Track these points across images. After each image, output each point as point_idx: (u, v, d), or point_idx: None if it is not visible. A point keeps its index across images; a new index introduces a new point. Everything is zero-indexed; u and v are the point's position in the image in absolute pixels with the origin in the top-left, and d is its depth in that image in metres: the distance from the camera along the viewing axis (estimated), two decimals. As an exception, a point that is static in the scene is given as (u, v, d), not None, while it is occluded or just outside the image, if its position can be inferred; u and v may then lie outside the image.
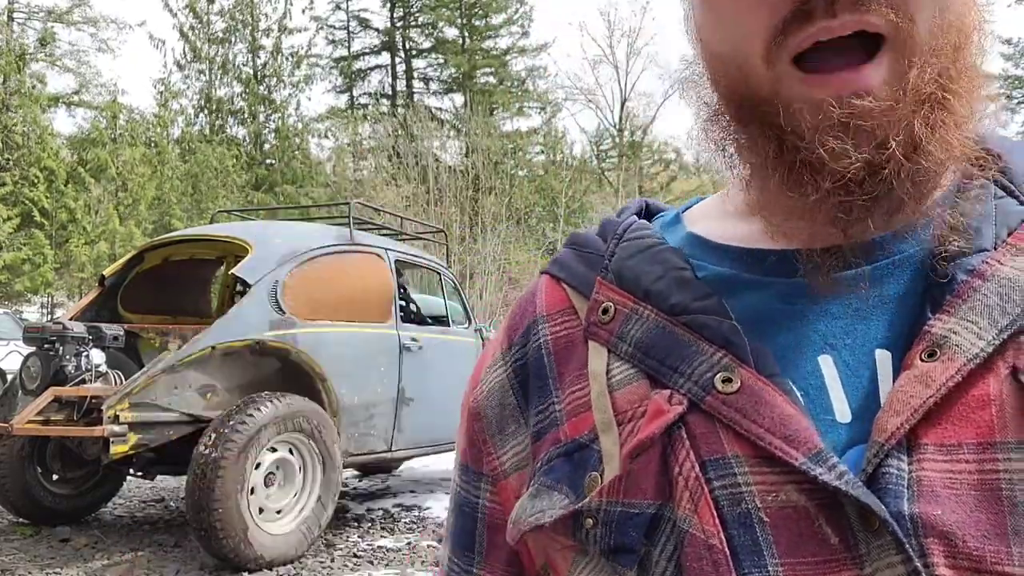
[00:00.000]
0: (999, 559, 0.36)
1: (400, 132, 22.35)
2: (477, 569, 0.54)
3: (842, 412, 0.42)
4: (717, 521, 0.40)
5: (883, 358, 0.42)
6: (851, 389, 0.42)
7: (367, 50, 32.85)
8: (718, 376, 0.43)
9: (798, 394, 0.42)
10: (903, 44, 0.40)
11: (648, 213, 0.58)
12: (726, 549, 0.40)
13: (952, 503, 0.38)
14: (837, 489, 0.38)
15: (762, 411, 0.41)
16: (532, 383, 0.51)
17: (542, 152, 31.43)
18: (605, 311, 0.49)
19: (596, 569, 0.45)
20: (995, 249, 0.43)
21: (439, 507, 5.49)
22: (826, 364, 0.43)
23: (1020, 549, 0.37)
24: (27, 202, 16.74)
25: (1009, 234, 0.43)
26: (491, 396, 0.54)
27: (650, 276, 0.48)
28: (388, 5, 32.25)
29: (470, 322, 6.11)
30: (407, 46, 32.85)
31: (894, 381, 0.41)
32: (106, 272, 5.31)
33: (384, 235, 6.21)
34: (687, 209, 0.56)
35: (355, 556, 4.22)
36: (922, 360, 0.40)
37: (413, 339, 5.18)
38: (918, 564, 0.36)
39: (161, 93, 21.20)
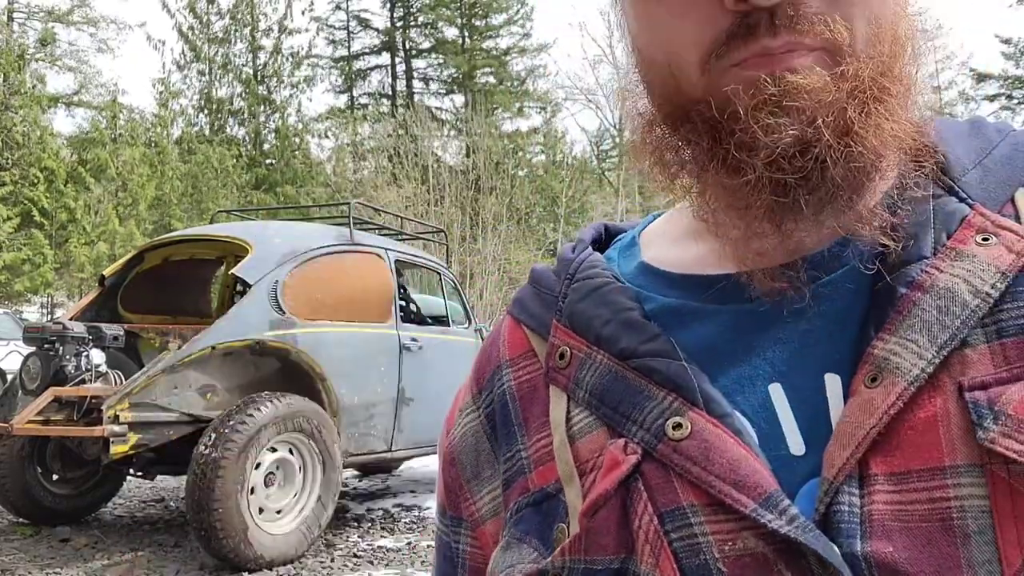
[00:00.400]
0: None
1: (400, 132, 22.36)
2: None
3: (796, 444, 0.41)
4: (678, 574, 0.40)
5: (832, 383, 0.41)
6: (803, 418, 0.41)
7: (367, 50, 32.88)
8: (669, 422, 0.42)
9: (751, 431, 0.41)
10: (840, 51, 0.40)
11: (609, 235, 0.58)
12: None
13: (903, 538, 0.36)
14: (786, 536, 0.37)
15: (712, 456, 0.40)
16: (500, 430, 0.51)
17: (542, 152, 31.45)
18: (562, 356, 0.48)
19: None
20: (934, 255, 0.41)
21: (439, 507, 5.50)
22: (776, 393, 0.42)
23: None
24: (27, 202, 16.75)
25: (948, 237, 0.42)
26: (464, 441, 0.54)
27: (600, 319, 0.47)
28: (388, 5, 32.27)
29: (470, 322, 6.11)
30: (407, 46, 32.86)
31: (844, 407, 0.40)
32: (106, 272, 5.31)
33: (384, 235, 6.22)
34: (645, 228, 0.56)
35: (355, 556, 4.22)
36: (866, 386, 0.39)
37: (413, 339, 5.18)
38: None
39: (161, 93, 21.21)
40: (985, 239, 0.41)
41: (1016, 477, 0.35)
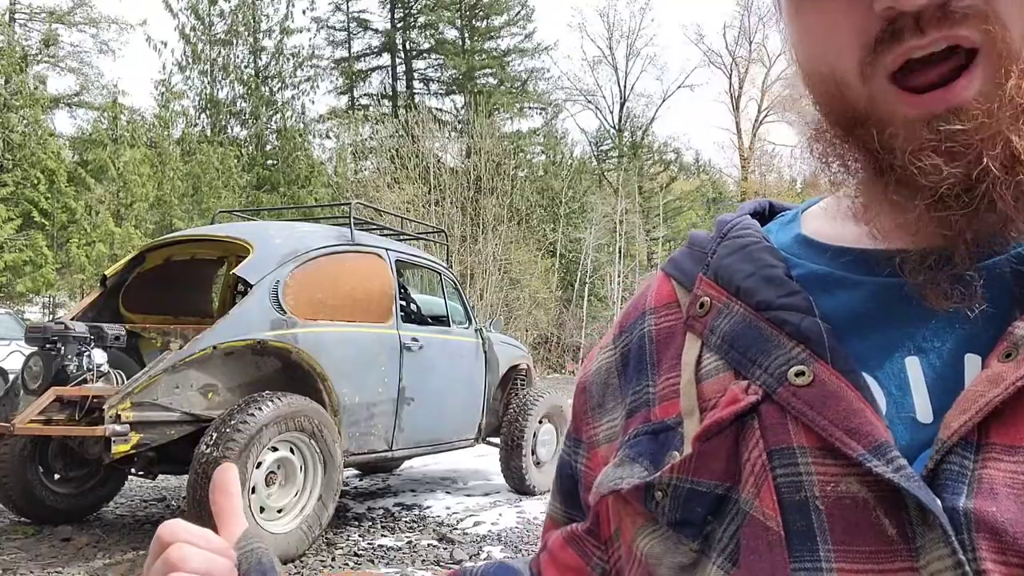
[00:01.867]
0: None
1: (402, 133, 22.37)
2: (578, 517, 0.60)
3: (924, 413, 0.42)
4: (777, 506, 0.42)
5: (972, 363, 0.43)
6: (937, 392, 0.43)
7: (367, 51, 32.90)
8: (792, 369, 0.44)
9: (879, 391, 0.44)
10: (998, 54, 0.40)
11: (773, 211, 0.61)
12: (782, 532, 0.42)
13: (1009, 502, 0.38)
14: (889, 481, 0.39)
15: (830, 404, 0.43)
16: (633, 366, 0.56)
17: (543, 153, 31.45)
18: (702, 305, 0.52)
19: (662, 538, 0.48)
20: None
21: (439, 506, 5.50)
22: (912, 367, 0.44)
23: None
24: (27, 203, 16.76)
25: None
26: (598, 374, 0.59)
27: (742, 273, 0.51)
28: (388, 6, 32.28)
29: (470, 322, 6.12)
30: (407, 47, 32.88)
31: (975, 379, 0.42)
32: (108, 272, 5.32)
33: (385, 235, 6.22)
34: (809, 207, 0.58)
35: (356, 555, 4.23)
36: (999, 361, 0.41)
37: (414, 339, 5.19)
38: (962, 558, 0.37)
39: (162, 94, 21.23)
40: None
41: None
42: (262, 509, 3.98)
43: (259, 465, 3.97)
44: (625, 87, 34.97)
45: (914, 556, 0.39)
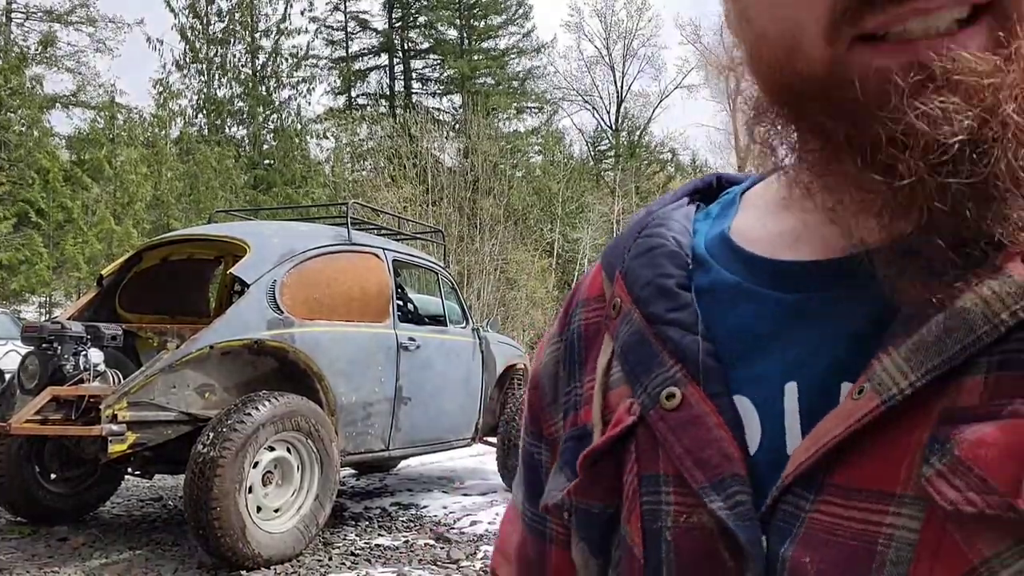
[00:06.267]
0: None
1: (399, 133, 22.36)
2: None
3: (794, 444, 0.40)
4: (640, 534, 0.43)
5: (846, 392, 0.40)
6: (807, 422, 0.40)
7: (365, 51, 32.87)
8: (665, 391, 0.43)
9: (754, 418, 0.41)
10: (1005, 10, 0.34)
11: (722, 185, 0.57)
12: (642, 560, 0.43)
13: (827, 550, 0.36)
14: (719, 519, 0.39)
15: (688, 431, 0.42)
16: (568, 363, 0.54)
17: (540, 153, 31.45)
18: (615, 306, 0.50)
19: (580, 550, 0.49)
20: (976, 269, 0.36)
21: (436, 506, 5.50)
22: (790, 392, 0.41)
23: None
24: (23, 202, 16.72)
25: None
26: (547, 368, 0.57)
27: (642, 280, 0.48)
28: (386, 6, 32.27)
29: (467, 322, 6.12)
30: (405, 47, 32.86)
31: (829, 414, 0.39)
32: (104, 272, 5.31)
33: (382, 235, 6.23)
34: (751, 186, 0.53)
35: (352, 554, 4.24)
36: (852, 398, 0.38)
37: (411, 338, 5.19)
38: None
39: (160, 93, 21.19)
40: None
41: (951, 519, 0.34)
42: (259, 509, 3.98)
43: (256, 465, 3.97)
44: (622, 87, 35.02)
45: None
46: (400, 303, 5.66)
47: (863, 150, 0.36)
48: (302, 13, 35.35)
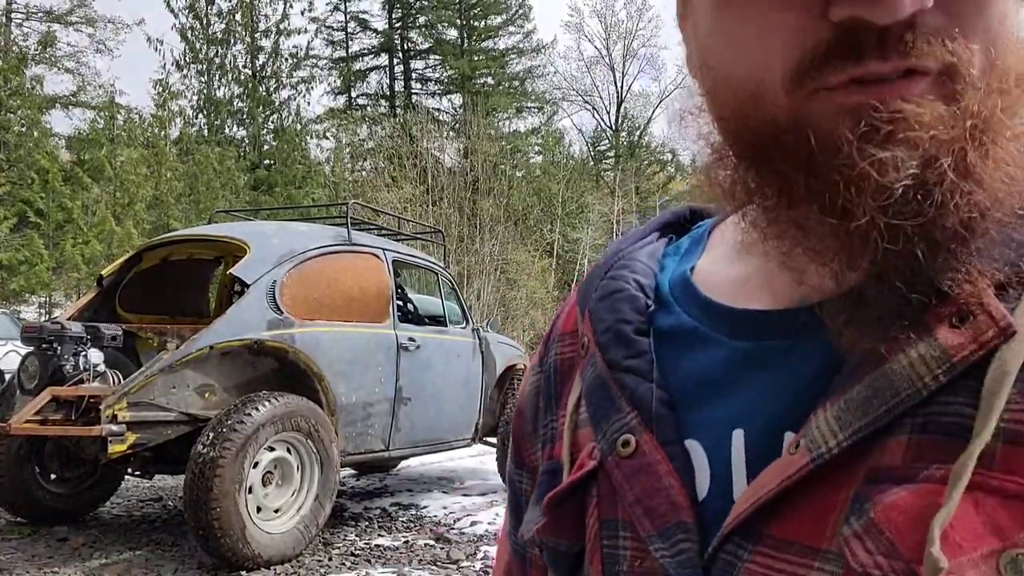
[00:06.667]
0: None
1: (400, 133, 22.36)
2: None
3: (740, 491, 0.41)
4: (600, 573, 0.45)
5: (789, 441, 0.41)
6: (753, 470, 0.41)
7: (365, 51, 32.88)
8: (621, 438, 0.45)
9: (704, 465, 0.42)
10: (958, 77, 0.35)
11: (693, 218, 0.58)
12: None
13: None
14: (662, 568, 0.41)
15: (640, 479, 0.43)
16: (545, 396, 0.56)
17: (540, 153, 31.45)
18: (583, 345, 0.51)
19: None
20: (907, 328, 0.37)
21: (436, 506, 5.50)
22: (737, 440, 0.42)
23: None
24: (23, 203, 16.72)
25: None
26: (529, 398, 0.58)
27: (603, 324, 0.49)
28: (387, 6, 32.26)
29: (467, 322, 6.12)
30: (405, 47, 32.86)
31: (769, 466, 0.40)
32: (104, 272, 5.31)
33: (382, 235, 6.23)
34: (722, 221, 0.53)
35: (352, 555, 4.23)
36: (790, 452, 0.39)
37: (411, 339, 5.19)
38: None
39: (160, 94, 21.19)
40: (961, 319, 0.36)
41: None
42: (259, 509, 3.98)
43: (256, 465, 3.97)
44: (622, 87, 35.02)
45: None
46: (400, 303, 5.65)
47: (820, 197, 0.36)
48: (302, 13, 35.30)
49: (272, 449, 4.07)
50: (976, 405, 0.35)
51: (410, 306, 6.09)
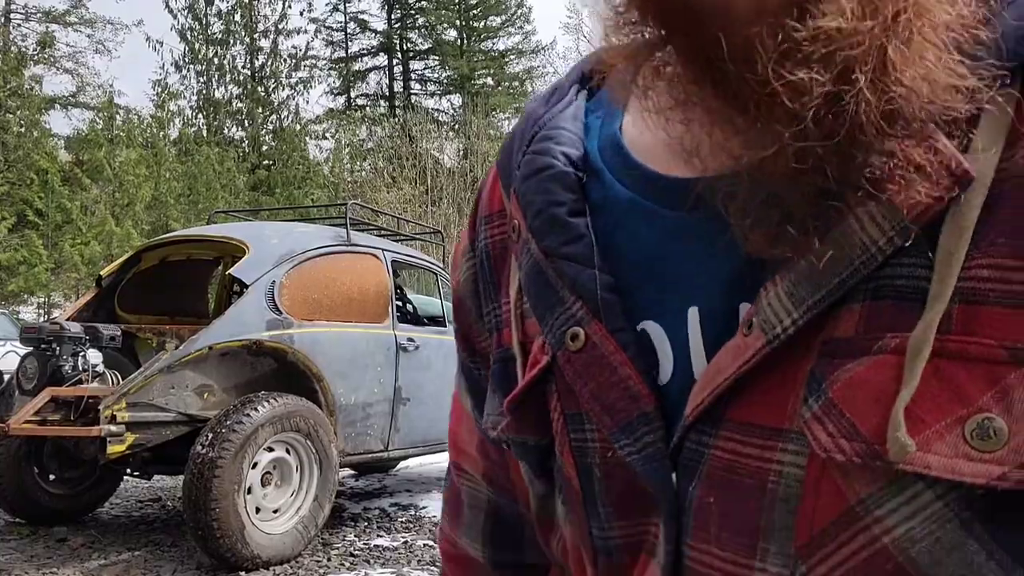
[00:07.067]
0: (741, 554, 0.37)
1: (399, 133, 22.37)
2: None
3: (700, 370, 0.40)
4: (574, 468, 0.44)
5: (744, 312, 0.39)
6: (711, 349, 0.39)
7: (364, 51, 32.88)
8: (569, 331, 0.42)
9: (665, 346, 0.41)
10: None
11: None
12: (580, 492, 0.44)
13: (728, 489, 0.37)
14: (628, 462, 0.40)
15: (594, 374, 0.41)
16: (483, 282, 0.53)
17: (539, 153, 31.42)
18: (515, 229, 0.47)
19: (525, 470, 0.50)
20: (852, 192, 0.34)
21: (436, 506, 5.50)
22: (693, 317, 0.40)
23: (765, 545, 0.36)
24: (22, 203, 16.72)
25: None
26: (467, 286, 0.55)
27: (534, 208, 0.45)
28: (386, 7, 32.27)
29: (467, 322, 6.11)
30: (405, 47, 32.86)
31: (722, 348, 0.38)
32: (103, 272, 5.31)
33: (381, 236, 6.23)
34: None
35: (351, 555, 4.23)
36: (743, 333, 0.37)
37: (410, 339, 5.19)
38: (663, 546, 0.39)
39: (159, 94, 21.18)
40: (917, 169, 0.33)
41: (828, 460, 0.34)
42: (258, 510, 3.98)
43: (255, 466, 3.96)
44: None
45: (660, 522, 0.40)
46: (399, 304, 5.65)
47: (726, 95, 0.35)
48: (301, 14, 35.42)
49: (271, 450, 4.07)
50: (931, 265, 0.33)
51: (409, 306, 6.08)
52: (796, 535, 0.35)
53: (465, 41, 32.37)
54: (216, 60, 23.67)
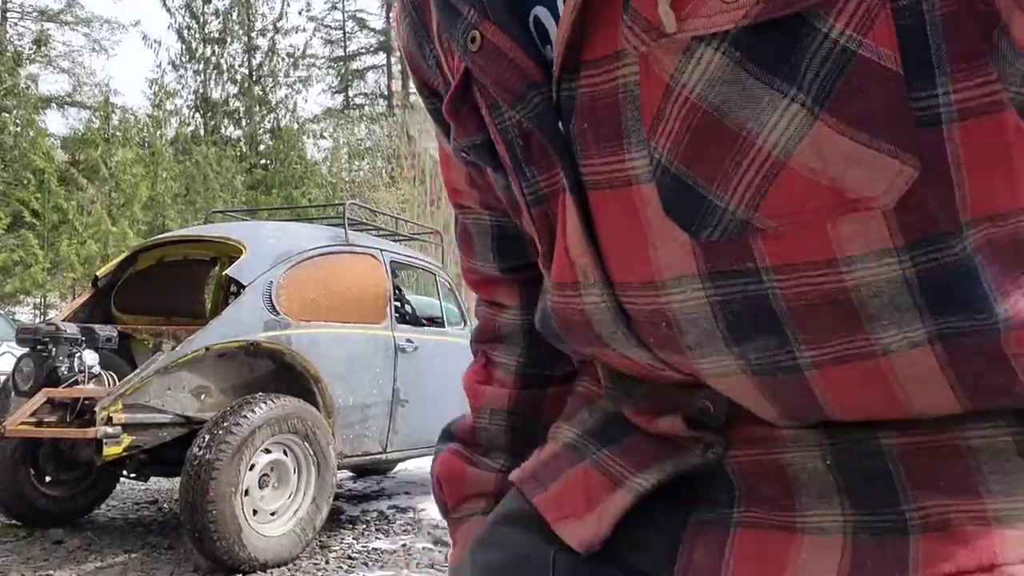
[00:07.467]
0: (616, 153, 0.43)
1: (398, 132, 22.34)
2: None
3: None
4: (503, 145, 0.51)
5: None
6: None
7: (363, 50, 32.85)
8: (468, 36, 0.48)
9: (551, 23, 0.46)
10: None
11: None
12: (511, 163, 0.51)
13: (593, 114, 0.43)
14: (521, 123, 0.48)
15: (493, 66, 0.47)
16: (418, 30, 0.59)
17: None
18: None
19: (491, 174, 0.58)
20: None
21: (434, 509, 5.47)
22: None
23: (628, 140, 0.42)
24: (18, 203, 16.67)
25: None
26: (408, 35, 0.61)
27: None
28: (385, 6, 32.24)
29: (465, 323, 6.11)
30: (403, 47, 32.85)
31: None
32: (99, 273, 5.29)
33: (380, 236, 6.21)
34: None
35: (349, 558, 4.21)
36: None
37: (408, 340, 5.17)
38: (575, 172, 0.46)
39: (156, 93, 21.14)
40: None
41: (646, 60, 0.40)
42: (255, 512, 3.96)
43: (252, 467, 3.94)
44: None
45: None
46: (398, 304, 5.63)
47: None
48: (300, 12, 35.43)
49: (268, 451, 4.05)
50: None
51: (408, 307, 6.06)
52: (643, 122, 0.42)
53: (463, 41, 32.39)
54: (214, 59, 23.65)
